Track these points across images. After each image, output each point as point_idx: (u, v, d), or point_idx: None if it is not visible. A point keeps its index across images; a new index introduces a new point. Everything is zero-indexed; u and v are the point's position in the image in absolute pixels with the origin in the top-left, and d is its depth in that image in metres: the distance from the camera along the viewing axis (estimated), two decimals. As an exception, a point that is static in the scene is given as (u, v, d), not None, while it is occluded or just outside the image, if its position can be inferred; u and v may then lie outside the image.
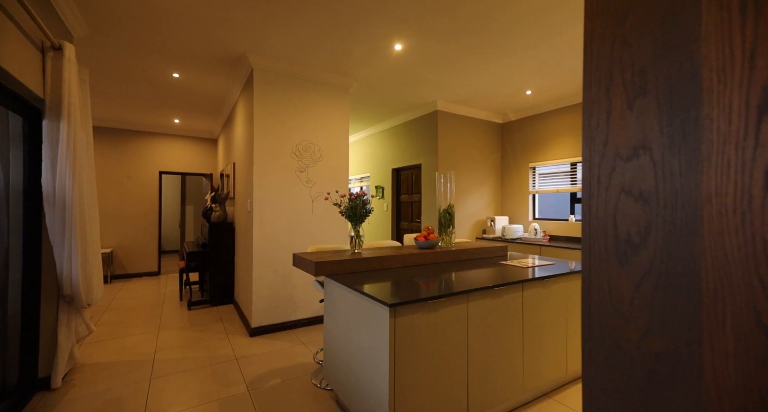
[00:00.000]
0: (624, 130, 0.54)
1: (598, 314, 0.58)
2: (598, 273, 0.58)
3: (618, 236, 0.55)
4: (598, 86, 0.58)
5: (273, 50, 2.99)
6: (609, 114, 0.57)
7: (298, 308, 3.38)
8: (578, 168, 4.12)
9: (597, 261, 0.58)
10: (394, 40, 2.81)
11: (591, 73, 0.59)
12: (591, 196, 0.60)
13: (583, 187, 0.62)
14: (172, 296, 4.50)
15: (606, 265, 0.57)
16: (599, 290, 0.58)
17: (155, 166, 5.85)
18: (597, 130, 0.59)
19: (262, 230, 3.19)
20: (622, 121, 0.55)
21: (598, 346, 0.57)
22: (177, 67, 3.34)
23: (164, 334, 3.19)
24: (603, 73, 0.57)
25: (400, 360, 1.51)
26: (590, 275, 0.60)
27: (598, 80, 0.58)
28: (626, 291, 0.54)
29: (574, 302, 2.23)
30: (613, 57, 0.56)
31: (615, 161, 0.56)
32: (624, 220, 0.54)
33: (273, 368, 2.53)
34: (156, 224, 5.80)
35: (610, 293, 0.56)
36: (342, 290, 1.91)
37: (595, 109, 0.59)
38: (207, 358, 2.69)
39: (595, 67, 0.59)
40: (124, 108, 4.74)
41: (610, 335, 0.56)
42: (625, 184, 0.54)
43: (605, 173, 0.57)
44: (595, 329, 0.58)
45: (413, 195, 4.98)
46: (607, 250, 0.57)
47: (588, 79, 0.60)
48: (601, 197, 0.58)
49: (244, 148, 3.60)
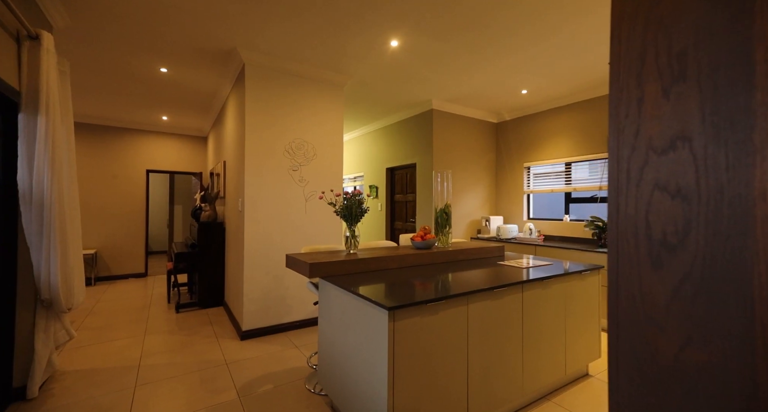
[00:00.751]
0: (658, 120, 0.50)
1: (627, 322, 0.53)
2: (628, 277, 0.53)
3: (651, 237, 0.50)
4: (627, 73, 0.53)
5: (265, 45, 2.91)
6: (641, 103, 0.52)
7: (291, 310, 3.30)
8: (573, 168, 4.13)
9: (626, 264, 0.53)
10: (390, 36, 2.75)
11: (619, 59, 0.55)
12: (619, 193, 0.55)
13: (610, 183, 0.57)
14: (159, 299, 4.36)
15: (637, 268, 0.52)
16: (629, 296, 0.53)
17: (142, 165, 5.68)
18: (626, 120, 0.54)
19: (253, 230, 3.09)
20: (656, 110, 0.50)
21: (628, 358, 0.52)
22: (165, 61, 3.22)
23: (151, 338, 3.07)
24: (633, 58, 0.53)
25: (399, 365, 1.45)
26: (618, 280, 0.55)
27: (628, 66, 0.53)
28: (661, 297, 0.49)
29: (572, 302, 2.20)
30: (645, 40, 0.51)
31: (647, 154, 0.51)
32: (658, 219, 0.49)
33: (265, 372, 2.45)
34: (143, 224, 5.63)
35: (641, 299, 0.51)
36: (338, 292, 1.84)
37: (623, 98, 0.54)
38: (196, 363, 2.59)
39: (624, 52, 0.54)
40: (109, 104, 4.58)
41: (642, 345, 0.51)
42: (659, 179, 0.50)
43: (636, 168, 0.52)
44: (625, 338, 0.53)
45: (408, 195, 4.93)
46: (638, 252, 0.52)
47: (615, 66, 0.55)
48: (631, 194, 0.53)
49: (235, 146, 3.50)
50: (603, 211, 3.82)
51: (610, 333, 0.56)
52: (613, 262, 0.55)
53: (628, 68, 0.53)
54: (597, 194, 3.90)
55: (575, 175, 4.10)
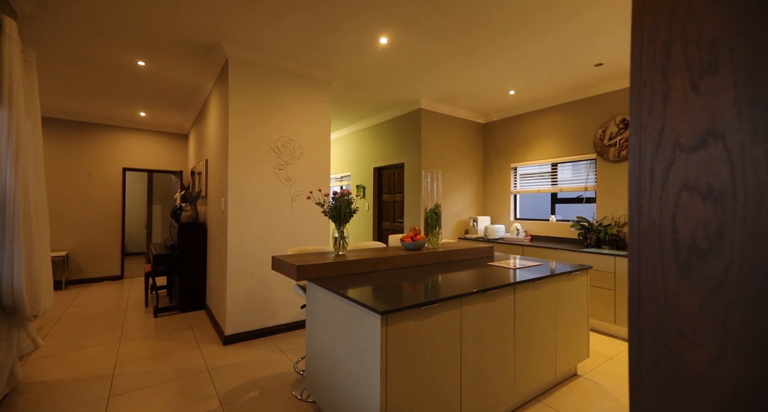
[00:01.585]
0: (687, 116, 0.46)
1: (651, 332, 0.49)
2: (652, 284, 0.50)
3: (678, 241, 0.47)
4: (651, 66, 0.50)
5: (250, 39, 2.80)
6: (666, 97, 0.49)
7: (277, 313, 3.19)
8: (559, 169, 4.18)
9: (649, 270, 0.50)
10: (379, 33, 2.70)
11: (641, 51, 0.51)
12: (641, 195, 0.51)
13: (631, 183, 0.54)
14: (136, 302, 4.16)
15: (662, 275, 0.49)
16: (652, 304, 0.50)
17: (118, 163, 5.42)
18: (650, 117, 0.50)
19: (237, 230, 2.98)
20: (684, 105, 0.47)
21: (652, 371, 0.49)
22: (142, 54, 3.06)
23: (126, 345, 2.91)
24: (658, 50, 0.49)
25: (392, 370, 1.40)
26: (640, 287, 0.51)
27: (652, 59, 0.50)
28: (690, 306, 0.46)
29: (562, 303, 2.20)
30: (671, 30, 0.48)
31: (674, 153, 0.48)
32: (687, 222, 0.46)
33: (249, 379, 2.35)
34: (119, 225, 5.38)
35: (667, 308, 0.48)
36: (327, 295, 1.77)
37: (647, 93, 0.51)
38: (175, 370, 2.46)
39: (647, 43, 0.50)
40: (82, 98, 4.34)
41: (668, 357, 0.47)
42: (688, 179, 0.46)
43: (661, 167, 0.49)
44: (648, 350, 0.49)
45: (395, 195, 4.89)
46: (663, 257, 0.49)
47: (637, 59, 0.52)
48: (655, 195, 0.50)
49: (218, 144, 3.37)
50: (588, 211, 3.88)
51: (631, 343, 0.52)
52: (634, 268, 0.51)
53: (651, 61, 0.50)
54: (583, 195, 3.96)
55: (561, 176, 4.16)
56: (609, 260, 3.13)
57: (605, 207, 3.67)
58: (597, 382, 2.32)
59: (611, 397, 2.14)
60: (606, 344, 2.98)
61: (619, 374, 2.44)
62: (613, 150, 3.59)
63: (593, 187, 3.80)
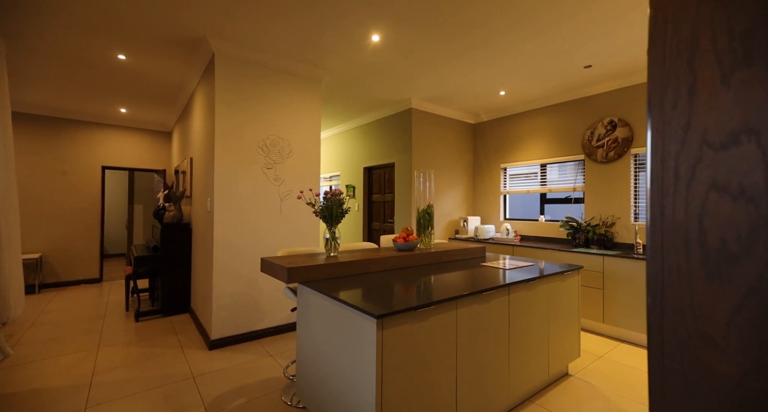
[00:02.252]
0: (716, 111, 0.44)
1: (675, 341, 0.47)
2: (676, 289, 0.47)
3: (706, 244, 0.44)
4: (675, 57, 0.47)
5: (238, 34, 2.71)
6: (692, 91, 0.46)
7: (265, 316, 3.11)
8: (548, 169, 4.22)
9: (673, 274, 0.47)
10: (371, 30, 2.65)
11: (664, 42, 0.48)
12: (664, 195, 0.49)
13: (652, 183, 0.51)
14: (116, 307, 4.00)
15: (687, 280, 0.46)
16: (677, 311, 0.47)
17: (97, 161, 5.20)
18: (674, 111, 0.48)
19: (223, 231, 2.88)
20: (712, 100, 0.44)
21: (676, 382, 0.46)
22: (123, 47, 2.93)
23: (105, 351, 2.78)
24: (683, 40, 0.47)
25: (388, 374, 1.35)
26: (662, 292, 0.49)
27: (676, 50, 0.47)
28: (719, 313, 0.43)
29: (555, 303, 2.21)
30: (699, 19, 0.45)
31: (701, 150, 0.45)
32: (715, 223, 0.44)
33: (237, 385, 2.27)
34: (97, 225, 5.16)
35: (693, 315, 0.45)
36: (319, 298, 1.71)
37: (670, 86, 0.48)
38: (158, 378, 2.36)
39: (670, 34, 0.48)
40: (58, 93, 4.14)
41: (695, 368, 0.45)
42: (717, 178, 0.44)
43: (686, 165, 0.46)
44: (672, 360, 0.47)
45: (386, 195, 4.85)
46: (688, 261, 0.46)
47: (659, 49, 0.49)
48: (679, 195, 0.47)
49: (204, 143, 3.26)
50: (577, 211, 3.93)
51: (651, 352, 0.49)
52: (656, 272, 0.49)
53: (676, 52, 0.47)
54: (571, 195, 4.01)
55: (550, 177, 4.20)
56: (598, 260, 3.17)
57: (593, 207, 3.72)
58: (588, 381, 2.34)
59: (603, 396, 2.15)
60: (595, 342, 3.01)
61: (609, 372, 2.46)
62: (600, 151, 3.64)
63: (581, 187, 3.85)
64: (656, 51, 0.49)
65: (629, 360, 2.66)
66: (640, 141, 3.39)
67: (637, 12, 2.38)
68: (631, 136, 3.43)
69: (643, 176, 3.42)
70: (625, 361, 2.65)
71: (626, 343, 2.99)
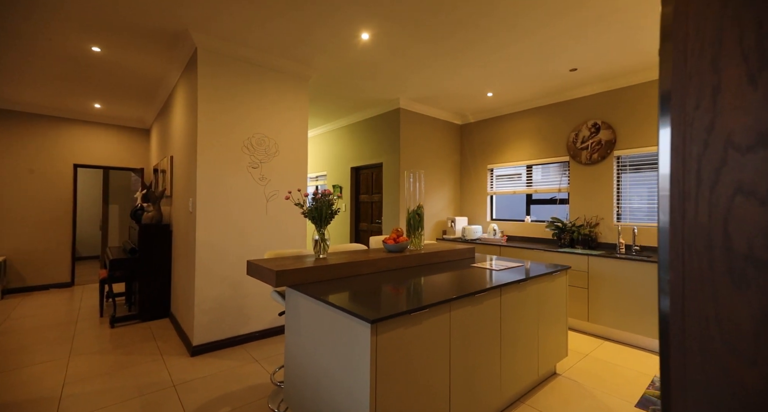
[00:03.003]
0: (742, 112, 0.42)
1: (697, 350, 0.45)
2: (698, 297, 0.45)
3: (732, 250, 0.43)
4: (698, 56, 0.46)
5: (222, 28, 2.61)
6: (717, 92, 0.45)
7: (250, 320, 3.01)
8: (534, 170, 4.28)
9: (695, 281, 0.46)
10: (361, 28, 2.61)
11: (686, 40, 0.47)
12: (685, 198, 0.47)
13: (672, 185, 0.49)
14: (89, 312, 3.79)
15: (711, 287, 0.45)
16: (699, 319, 0.45)
17: (69, 159, 4.94)
18: (696, 112, 0.46)
19: (206, 233, 2.77)
20: (738, 100, 0.43)
21: (699, 393, 0.45)
22: (98, 39, 2.77)
23: (77, 360, 2.62)
24: (707, 39, 0.45)
25: (382, 379, 1.32)
26: (683, 299, 0.47)
27: (700, 49, 0.46)
28: (747, 322, 0.42)
29: (544, 303, 2.22)
30: (724, 18, 0.44)
31: (726, 152, 0.43)
32: (742, 228, 0.42)
33: (221, 393, 2.18)
34: (69, 226, 4.90)
35: (718, 324, 0.44)
36: (309, 302, 1.66)
37: (692, 86, 0.46)
38: (135, 387, 2.24)
39: (693, 32, 0.46)
40: (24, 86, 3.89)
41: (720, 378, 0.43)
42: (743, 182, 0.42)
43: (710, 168, 0.45)
44: (695, 369, 0.45)
45: (374, 195, 4.81)
46: (712, 267, 0.44)
47: (681, 49, 0.47)
48: (702, 199, 0.45)
49: (186, 140, 3.13)
50: (562, 212, 4.00)
51: (673, 361, 0.47)
52: (677, 278, 0.47)
53: (699, 51, 0.45)
54: (556, 196, 4.08)
55: (536, 178, 4.26)
56: (583, 260, 3.23)
57: (578, 208, 3.80)
58: (575, 380, 2.37)
59: (590, 394, 2.19)
60: (581, 341, 3.06)
61: (595, 371, 2.51)
62: (585, 153, 3.72)
63: (566, 188, 3.92)
64: (678, 49, 0.47)
65: (613, 358, 2.72)
66: (623, 143, 3.48)
67: (618, 17, 2.43)
68: (613, 138, 3.52)
69: (625, 178, 3.51)
70: (610, 359, 2.70)
71: (610, 341, 3.06)
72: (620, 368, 2.55)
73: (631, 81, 3.39)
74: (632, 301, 2.93)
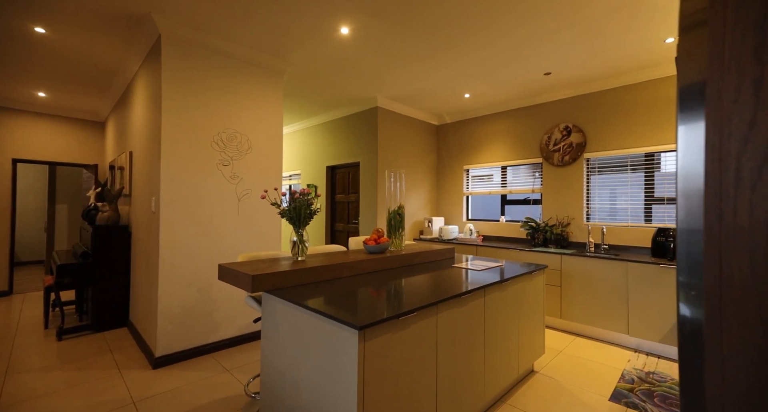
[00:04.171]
0: (789, 107, 0.40)
1: (740, 357, 0.42)
2: (740, 302, 0.43)
3: (777, 252, 0.41)
4: (738, 47, 0.43)
5: (190, 14, 2.42)
6: (759, 85, 0.42)
7: (220, 327, 2.82)
8: (509, 171, 4.38)
9: (736, 286, 0.43)
10: (340, 22, 2.52)
11: (723, 31, 0.44)
12: (722, 198, 0.45)
13: (707, 184, 0.47)
14: (32, 324, 3.41)
15: (755, 292, 0.42)
16: (742, 325, 0.43)
17: (6, 153, 4.42)
18: (734, 106, 0.44)
19: (171, 234, 2.56)
20: (784, 93, 0.41)
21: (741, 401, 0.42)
22: (42, 18, 2.48)
23: (16, 379, 2.33)
24: (749, 28, 0.42)
25: (370, 387, 1.25)
26: (721, 303, 0.44)
27: (740, 39, 0.43)
28: (794, 329, 0.40)
29: (524, 302, 2.25)
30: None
31: (770, 149, 0.41)
32: (788, 230, 0.40)
33: (188, 408, 2.01)
34: (6, 228, 4.39)
35: (764, 330, 0.42)
36: (289, 308, 1.55)
37: (731, 79, 0.44)
38: (88, 407, 2.01)
39: (731, 21, 0.44)
40: (-47, 68, 3.43)
41: (766, 386, 0.41)
42: (790, 180, 0.40)
43: (751, 166, 0.42)
44: (736, 375, 0.42)
45: (350, 195, 4.71)
46: (755, 274, 0.42)
47: (718, 39, 0.45)
48: (742, 200, 0.43)
49: (147, 135, 2.88)
50: (535, 212, 4.12)
51: (709, 367, 0.45)
52: (713, 282, 0.44)
53: (739, 41, 0.43)
54: (530, 197, 4.19)
55: (510, 179, 4.36)
56: (556, 259, 3.33)
57: (550, 208, 3.92)
58: (552, 377, 2.42)
59: (567, 391, 2.24)
60: (555, 338, 3.16)
61: (569, 367, 2.58)
62: (557, 155, 3.85)
63: (540, 189, 4.04)
64: (715, 40, 0.44)
65: (586, 353, 2.82)
66: (592, 146, 3.63)
67: (587, 25, 2.52)
68: (584, 141, 3.66)
69: (594, 180, 3.67)
70: (582, 354, 2.80)
71: (582, 337, 3.18)
72: (592, 363, 2.65)
73: (602, 86, 3.55)
74: (602, 298, 3.05)
